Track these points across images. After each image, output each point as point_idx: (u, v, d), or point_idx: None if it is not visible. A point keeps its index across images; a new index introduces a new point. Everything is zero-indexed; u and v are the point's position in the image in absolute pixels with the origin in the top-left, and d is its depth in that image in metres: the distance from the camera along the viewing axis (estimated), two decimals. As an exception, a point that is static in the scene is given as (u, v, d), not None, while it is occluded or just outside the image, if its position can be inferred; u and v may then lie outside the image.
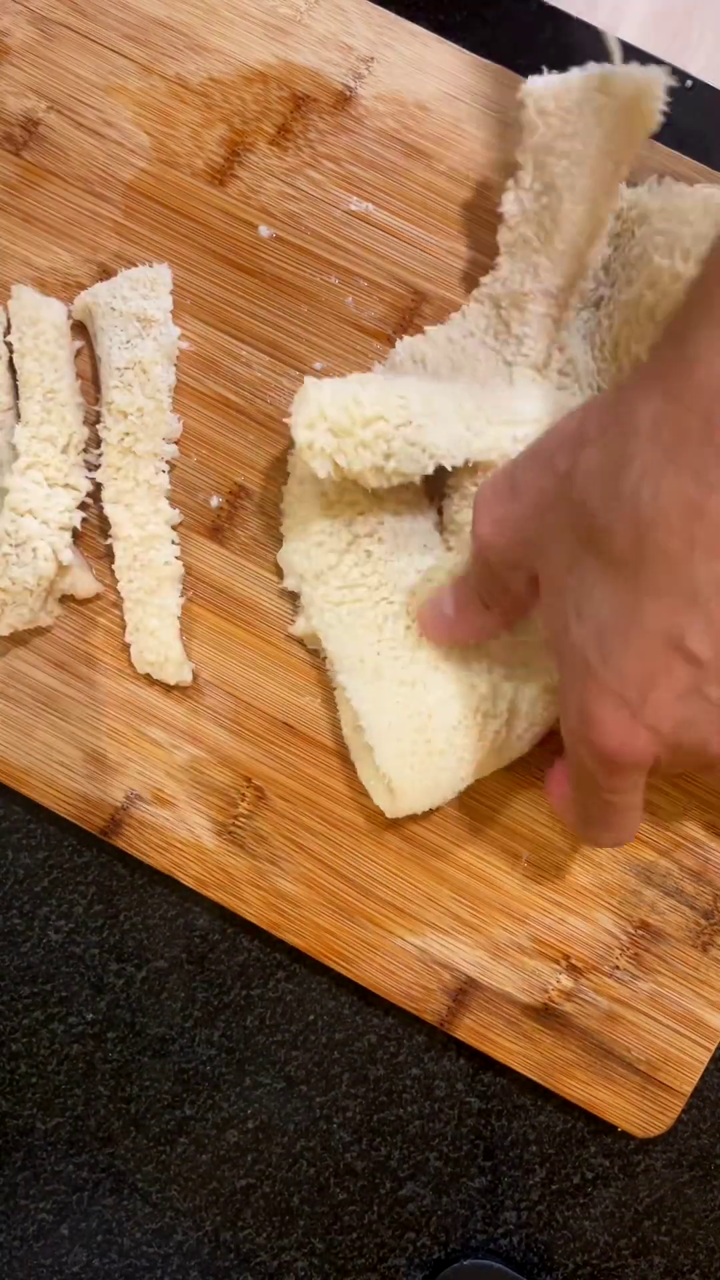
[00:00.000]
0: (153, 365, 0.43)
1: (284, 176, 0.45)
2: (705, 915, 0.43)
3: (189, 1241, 0.44)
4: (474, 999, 0.43)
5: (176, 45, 0.45)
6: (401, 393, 0.38)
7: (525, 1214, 0.44)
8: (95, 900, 0.44)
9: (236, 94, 0.45)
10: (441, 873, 0.43)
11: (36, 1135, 0.44)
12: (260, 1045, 0.44)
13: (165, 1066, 0.44)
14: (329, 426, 0.37)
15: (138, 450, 0.43)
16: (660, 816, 0.43)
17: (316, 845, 0.43)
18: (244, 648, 0.44)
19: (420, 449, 0.38)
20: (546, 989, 0.43)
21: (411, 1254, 0.44)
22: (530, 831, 0.43)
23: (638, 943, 0.43)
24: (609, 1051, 0.43)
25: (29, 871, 0.45)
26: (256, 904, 0.43)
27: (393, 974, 0.43)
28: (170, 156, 0.45)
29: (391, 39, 0.45)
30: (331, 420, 0.37)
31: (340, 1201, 0.44)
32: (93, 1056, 0.44)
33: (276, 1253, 0.44)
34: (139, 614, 0.43)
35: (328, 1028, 0.44)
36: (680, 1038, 0.43)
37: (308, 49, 0.45)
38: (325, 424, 0.37)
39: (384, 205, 0.45)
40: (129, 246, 0.45)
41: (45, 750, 0.43)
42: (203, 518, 0.44)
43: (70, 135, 0.45)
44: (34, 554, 0.41)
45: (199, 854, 0.43)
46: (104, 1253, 0.44)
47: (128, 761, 0.43)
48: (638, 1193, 0.44)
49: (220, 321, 0.44)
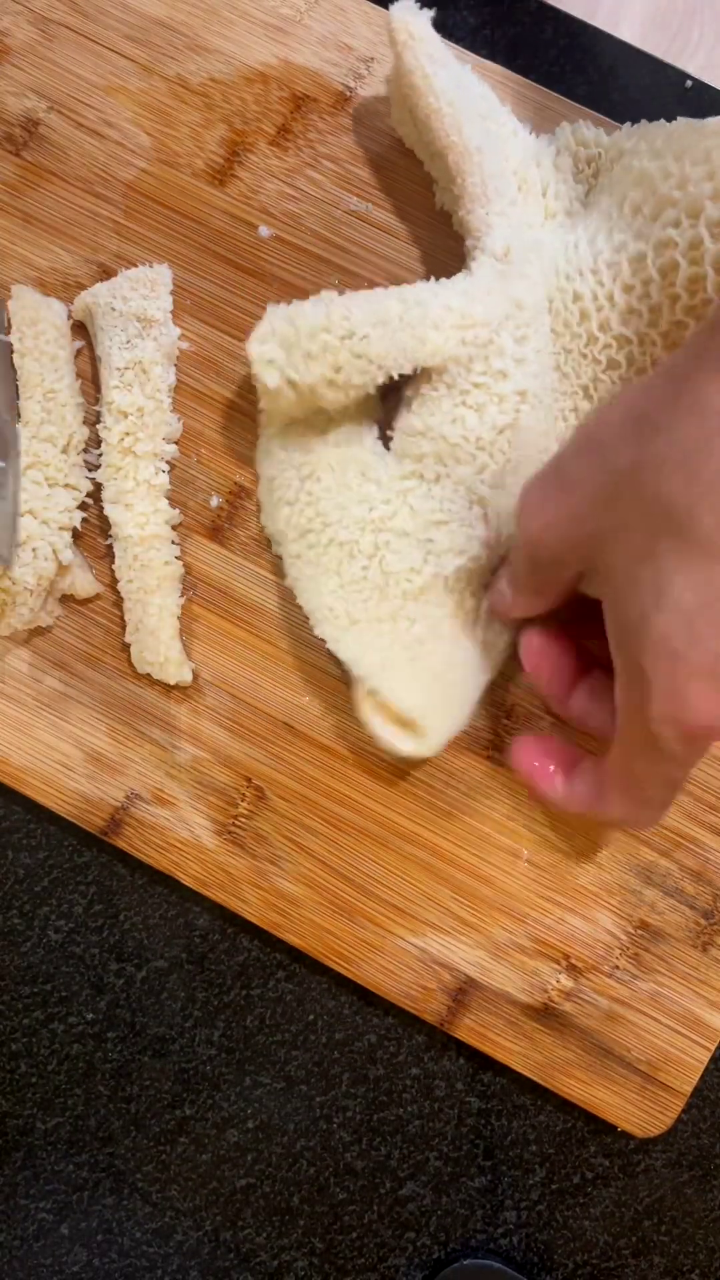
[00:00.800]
0: (153, 365, 0.43)
1: (284, 176, 0.45)
2: (705, 915, 0.43)
3: (189, 1241, 0.44)
4: (474, 999, 0.43)
5: (176, 45, 0.45)
6: (346, 306, 0.39)
7: (525, 1214, 0.44)
8: (95, 900, 0.44)
9: (236, 94, 0.45)
10: (441, 873, 0.43)
11: (36, 1135, 0.44)
12: (260, 1045, 0.44)
13: (165, 1066, 0.44)
14: (278, 341, 0.38)
15: (138, 450, 0.43)
16: (660, 816, 0.43)
17: (316, 845, 0.43)
18: (244, 648, 0.44)
19: (367, 360, 0.38)
20: (546, 989, 0.43)
21: (411, 1254, 0.44)
22: (530, 831, 0.43)
23: (638, 943, 0.43)
24: (609, 1051, 0.43)
25: (29, 871, 0.45)
26: (256, 904, 0.43)
27: (393, 974, 0.43)
28: (170, 156, 0.45)
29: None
30: (280, 334, 0.38)
31: (340, 1201, 0.44)
32: (93, 1056, 0.44)
33: (276, 1253, 0.44)
34: (139, 614, 0.43)
35: (328, 1028, 0.44)
36: (680, 1038, 0.43)
37: (308, 49, 0.45)
38: (274, 339, 0.38)
39: (384, 205, 0.45)
40: (129, 246, 0.45)
41: (45, 750, 0.43)
42: (203, 518, 0.44)
43: (70, 135, 0.45)
44: (34, 554, 0.41)
45: (199, 854, 0.43)
46: (104, 1253, 0.44)
47: (128, 761, 0.43)
48: (638, 1193, 0.44)
49: (220, 321, 0.44)
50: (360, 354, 0.38)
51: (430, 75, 0.40)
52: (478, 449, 0.40)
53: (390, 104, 0.44)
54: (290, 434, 0.41)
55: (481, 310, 0.39)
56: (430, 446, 0.40)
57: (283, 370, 0.38)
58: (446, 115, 0.40)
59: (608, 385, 0.41)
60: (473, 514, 0.40)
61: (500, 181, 0.41)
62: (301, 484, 0.41)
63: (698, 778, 0.43)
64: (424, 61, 0.40)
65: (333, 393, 0.39)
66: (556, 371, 0.41)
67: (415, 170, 0.45)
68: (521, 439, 0.40)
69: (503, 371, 0.40)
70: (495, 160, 0.41)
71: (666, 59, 0.48)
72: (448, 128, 0.40)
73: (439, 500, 0.40)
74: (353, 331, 0.38)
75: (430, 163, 0.44)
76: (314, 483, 0.41)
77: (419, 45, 0.40)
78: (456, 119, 0.40)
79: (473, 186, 0.40)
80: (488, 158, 0.41)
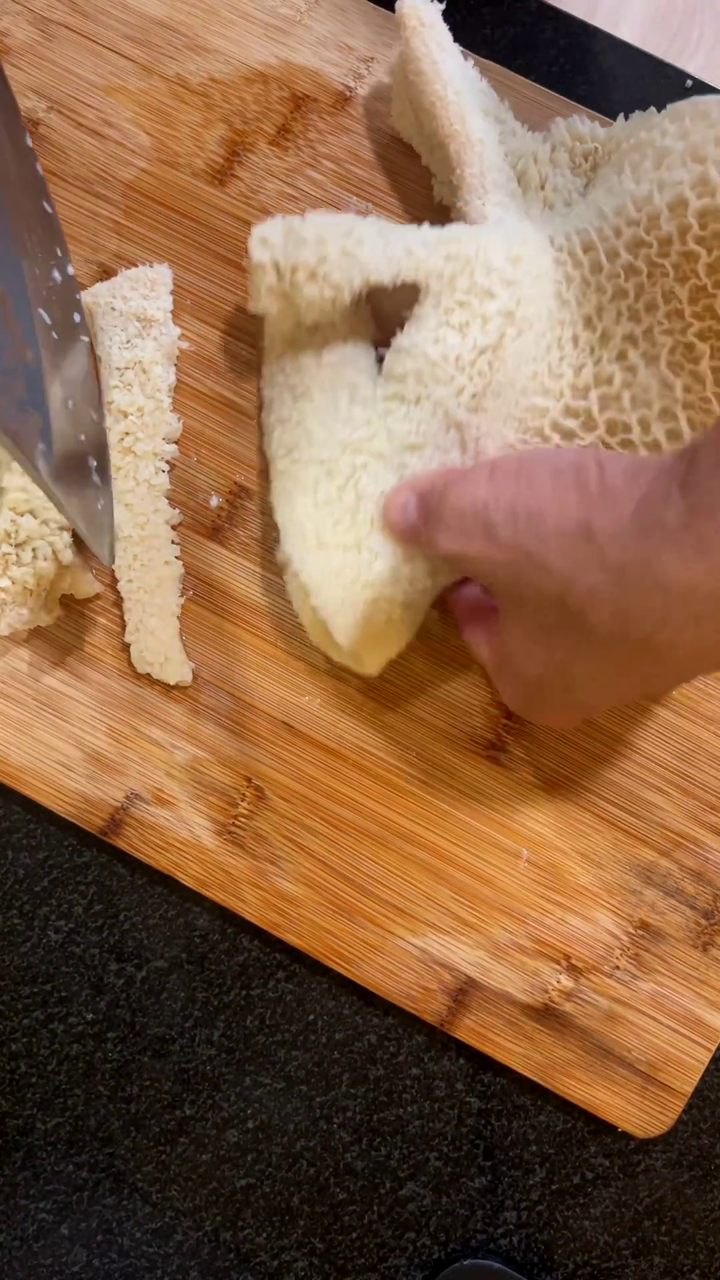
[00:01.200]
0: (153, 365, 0.43)
1: (284, 176, 0.45)
2: (705, 915, 0.43)
3: (189, 1241, 0.44)
4: (474, 999, 0.43)
5: (176, 45, 0.45)
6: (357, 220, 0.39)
7: (525, 1214, 0.44)
8: (95, 900, 0.44)
9: (236, 94, 0.45)
10: (441, 873, 0.43)
11: (36, 1135, 0.44)
12: (260, 1045, 0.44)
13: (165, 1066, 0.44)
14: (282, 228, 0.39)
15: (138, 450, 0.43)
16: (660, 816, 0.43)
17: (316, 845, 0.43)
18: (244, 648, 0.44)
19: (353, 261, 0.38)
20: (546, 989, 0.43)
21: (411, 1254, 0.44)
22: (530, 831, 0.43)
23: (638, 943, 0.43)
24: (609, 1051, 0.43)
25: (29, 871, 0.45)
26: (256, 904, 0.43)
27: (393, 974, 0.43)
28: (170, 156, 0.45)
29: (391, 39, 0.45)
30: (286, 224, 0.39)
31: (340, 1201, 0.44)
32: (93, 1056, 0.44)
33: (276, 1253, 0.44)
34: (139, 614, 0.43)
35: (328, 1028, 0.44)
36: (680, 1038, 0.43)
37: (308, 49, 0.45)
38: (280, 227, 0.39)
39: (384, 205, 0.45)
40: (129, 246, 0.45)
41: (45, 750, 0.43)
42: (203, 518, 0.44)
43: (70, 135, 0.45)
44: (34, 554, 0.41)
45: (199, 854, 0.43)
46: (104, 1253, 0.44)
47: (128, 761, 0.43)
48: (638, 1193, 0.44)
49: (220, 321, 0.44)
50: (350, 253, 0.38)
51: (438, 62, 0.40)
52: (457, 369, 0.40)
53: (391, 98, 0.44)
54: (288, 356, 0.41)
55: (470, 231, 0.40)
56: (412, 364, 0.40)
57: (273, 250, 0.38)
58: (451, 104, 0.40)
59: (613, 316, 0.40)
60: (449, 439, 0.40)
61: (499, 174, 0.41)
62: (294, 403, 0.41)
63: (698, 778, 0.43)
64: (432, 48, 0.40)
65: (311, 287, 0.39)
66: (557, 299, 0.41)
67: (415, 170, 0.45)
68: (507, 363, 0.40)
69: (488, 290, 0.39)
70: (495, 153, 0.41)
71: (666, 59, 0.48)
72: (451, 116, 0.40)
73: (416, 422, 0.40)
74: (352, 231, 0.38)
75: (430, 155, 0.44)
76: (306, 402, 0.41)
77: (428, 32, 0.40)
78: (461, 108, 0.40)
79: (472, 177, 0.41)
80: (488, 149, 0.41)
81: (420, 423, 0.40)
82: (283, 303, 0.39)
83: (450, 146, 0.40)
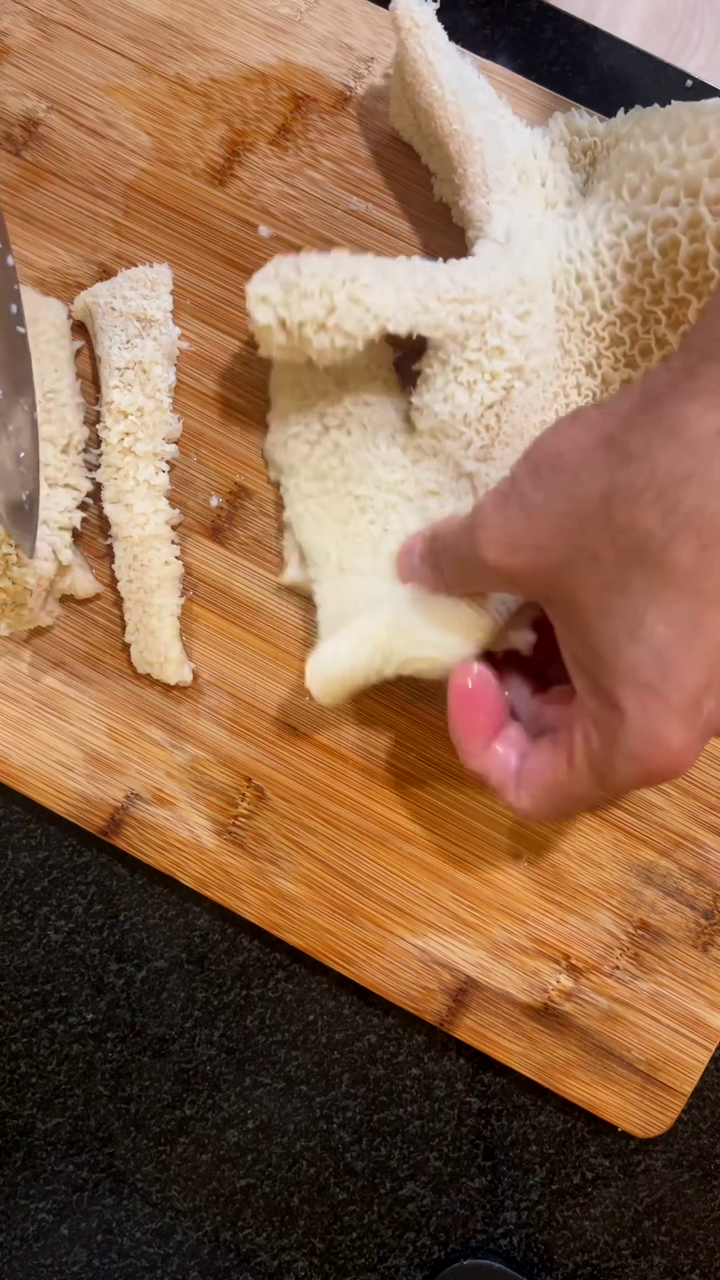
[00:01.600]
0: (153, 365, 0.43)
1: (284, 176, 0.45)
2: (705, 915, 0.43)
3: (189, 1241, 0.44)
4: (474, 999, 0.43)
5: (176, 45, 0.45)
6: (353, 259, 0.39)
7: (525, 1214, 0.44)
8: (95, 900, 0.44)
9: (236, 94, 0.45)
10: (441, 873, 0.43)
11: (36, 1135, 0.44)
12: (260, 1045, 0.44)
13: (165, 1066, 0.44)
14: (279, 281, 0.38)
15: (138, 450, 0.43)
16: (660, 816, 0.43)
17: (316, 845, 0.43)
18: (244, 648, 0.44)
19: (364, 308, 0.38)
20: (546, 989, 0.43)
21: (411, 1254, 0.44)
22: (530, 831, 0.43)
23: (638, 943, 0.43)
24: (609, 1051, 0.43)
25: (29, 871, 0.45)
26: (256, 904, 0.43)
27: (393, 974, 0.43)
28: (170, 156, 0.45)
29: (391, 39, 0.45)
30: (282, 275, 0.38)
31: (340, 1201, 0.44)
32: (93, 1056, 0.44)
33: (276, 1253, 0.44)
34: (139, 614, 0.43)
35: (328, 1028, 0.44)
36: (680, 1038, 0.43)
37: (308, 49, 0.45)
38: (276, 280, 0.38)
39: (384, 205, 0.45)
40: (129, 246, 0.45)
41: (45, 750, 0.43)
42: (203, 518, 0.44)
43: (70, 135, 0.45)
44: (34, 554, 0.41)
45: (199, 854, 0.43)
46: (104, 1253, 0.44)
47: (128, 761, 0.43)
48: (638, 1193, 0.44)
49: (220, 321, 0.44)
50: (358, 299, 0.38)
51: (434, 63, 0.40)
52: (464, 425, 0.40)
53: (390, 98, 0.44)
54: (306, 374, 0.42)
55: (484, 285, 0.40)
56: (425, 422, 0.41)
57: (275, 308, 0.38)
58: (449, 103, 0.40)
59: (610, 362, 0.41)
60: (460, 486, 0.41)
61: (500, 171, 0.41)
62: (326, 430, 0.42)
63: (698, 778, 0.43)
64: (428, 49, 0.40)
65: (322, 339, 0.38)
66: (560, 349, 0.41)
67: (415, 170, 0.45)
68: (515, 414, 0.41)
69: (500, 348, 0.40)
70: (495, 150, 0.41)
71: (666, 59, 0.48)
72: (450, 116, 0.40)
73: (433, 472, 0.41)
74: (356, 277, 0.38)
75: (429, 155, 0.44)
76: (343, 434, 0.42)
77: (423, 33, 0.40)
78: (459, 107, 0.40)
79: (474, 176, 0.41)
80: (489, 147, 0.41)
81: (436, 472, 0.41)
82: (294, 353, 0.39)
83: (451, 146, 0.41)
